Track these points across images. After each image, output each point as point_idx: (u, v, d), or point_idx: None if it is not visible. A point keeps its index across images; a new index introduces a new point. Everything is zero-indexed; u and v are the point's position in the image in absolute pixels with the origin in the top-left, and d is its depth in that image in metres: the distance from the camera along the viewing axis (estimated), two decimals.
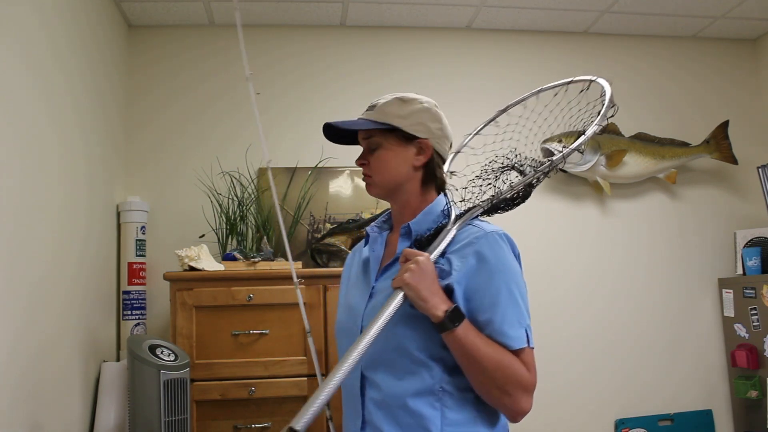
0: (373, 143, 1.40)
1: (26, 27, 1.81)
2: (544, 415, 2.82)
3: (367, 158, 1.41)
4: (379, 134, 1.40)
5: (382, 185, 1.40)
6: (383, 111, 1.41)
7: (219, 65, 2.89)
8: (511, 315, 1.26)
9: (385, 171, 1.39)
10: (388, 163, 1.39)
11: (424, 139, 1.40)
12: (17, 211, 1.71)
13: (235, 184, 2.74)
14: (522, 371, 1.22)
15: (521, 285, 1.32)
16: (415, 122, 1.40)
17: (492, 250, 1.29)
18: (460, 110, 3.00)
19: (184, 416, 1.98)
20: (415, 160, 1.40)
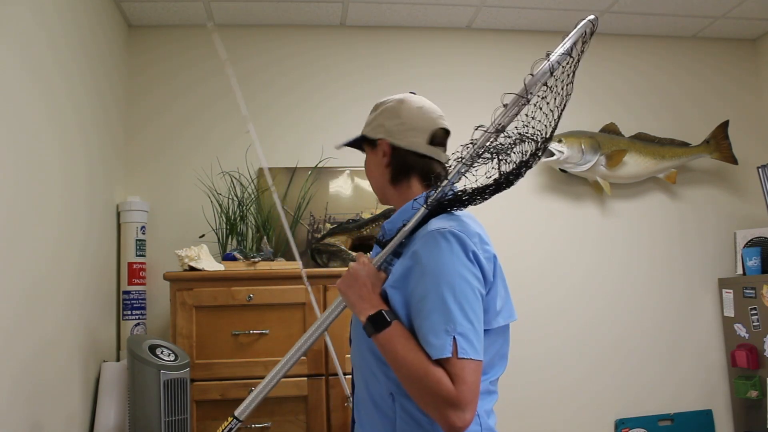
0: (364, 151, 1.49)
1: (26, 27, 1.81)
2: (545, 415, 2.83)
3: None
4: (363, 143, 1.48)
5: (374, 189, 1.47)
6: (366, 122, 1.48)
7: (219, 65, 2.87)
8: (436, 321, 1.13)
9: (369, 176, 1.47)
10: (370, 171, 1.46)
11: (380, 139, 1.41)
12: (17, 211, 1.71)
13: (235, 184, 2.74)
14: (443, 384, 1.09)
15: (459, 287, 1.15)
16: (374, 126, 1.43)
17: (427, 250, 1.18)
18: (460, 110, 3.00)
19: (184, 416, 1.98)
20: (382, 161, 1.41)
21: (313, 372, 2.25)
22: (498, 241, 3.12)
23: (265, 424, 2.21)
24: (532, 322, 2.89)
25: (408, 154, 1.39)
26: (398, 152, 1.39)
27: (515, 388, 2.68)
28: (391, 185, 1.41)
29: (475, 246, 1.23)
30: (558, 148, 2.86)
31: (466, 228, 1.25)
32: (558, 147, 2.86)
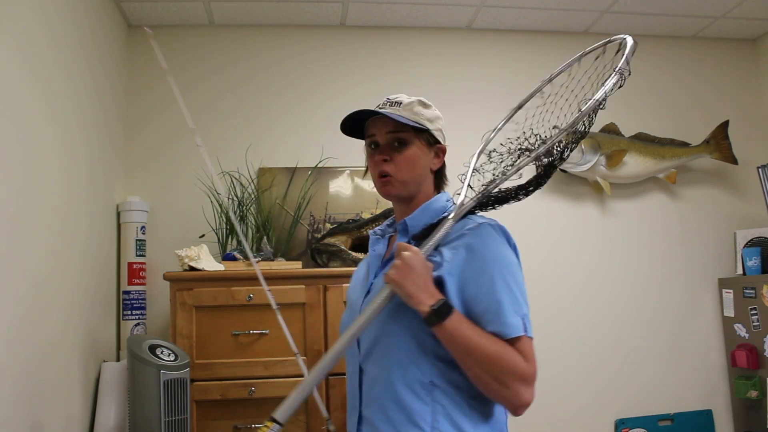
0: (403, 140, 1.36)
1: (26, 26, 1.81)
2: (545, 414, 2.83)
3: (391, 155, 1.36)
4: (410, 132, 1.37)
5: (405, 183, 1.37)
6: (413, 111, 1.39)
7: (219, 65, 2.90)
8: (506, 303, 1.23)
9: (411, 170, 1.38)
10: (417, 163, 1.38)
11: (442, 144, 1.44)
12: (17, 211, 1.71)
13: (235, 184, 2.74)
14: (518, 361, 1.19)
15: (517, 274, 1.31)
16: (437, 127, 1.44)
17: (482, 241, 1.28)
18: (459, 110, 3.01)
19: (184, 416, 1.98)
20: (432, 164, 1.43)
21: None
22: None
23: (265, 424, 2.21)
24: (532, 322, 2.88)
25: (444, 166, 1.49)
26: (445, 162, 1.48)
27: None
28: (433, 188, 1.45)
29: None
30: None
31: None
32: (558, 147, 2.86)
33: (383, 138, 1.37)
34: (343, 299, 2.26)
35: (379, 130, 1.37)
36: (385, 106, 1.39)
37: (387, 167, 1.35)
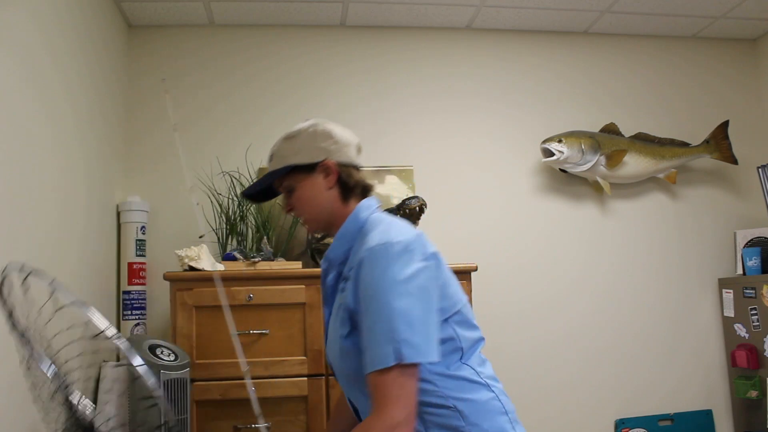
0: (287, 187, 1.46)
1: (24, 27, 1.80)
2: (544, 414, 2.83)
3: (290, 203, 1.47)
4: (287, 178, 1.45)
5: (315, 220, 1.46)
6: (279, 156, 1.47)
7: (219, 65, 2.90)
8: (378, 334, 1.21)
9: (309, 207, 1.45)
10: (307, 199, 1.44)
11: (322, 161, 1.44)
12: (17, 211, 1.71)
13: (235, 184, 2.74)
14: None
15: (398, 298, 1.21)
16: (308, 151, 1.45)
17: (365, 273, 1.26)
18: (459, 110, 3.01)
19: (184, 416, 1.98)
20: (326, 183, 1.44)
21: (313, 372, 2.25)
22: (498, 241, 3.13)
23: (266, 424, 2.21)
24: (533, 322, 2.89)
25: (350, 168, 1.47)
26: (344, 168, 1.45)
27: (515, 388, 2.68)
28: (343, 204, 1.44)
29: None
30: (558, 148, 2.86)
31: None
32: (558, 147, 2.86)
33: (281, 189, 1.49)
34: None
35: (277, 187, 1.51)
36: (268, 162, 1.51)
37: (295, 214, 1.47)
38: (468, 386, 1.34)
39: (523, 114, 3.04)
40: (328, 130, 1.49)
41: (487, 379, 1.38)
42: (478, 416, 1.33)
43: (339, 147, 1.47)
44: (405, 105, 2.97)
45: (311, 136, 1.47)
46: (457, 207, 2.91)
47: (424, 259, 1.29)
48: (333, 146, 1.47)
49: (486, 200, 2.94)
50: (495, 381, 1.40)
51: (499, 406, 1.36)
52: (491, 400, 1.36)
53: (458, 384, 1.33)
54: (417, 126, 2.96)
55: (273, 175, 1.46)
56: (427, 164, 2.93)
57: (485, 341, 1.44)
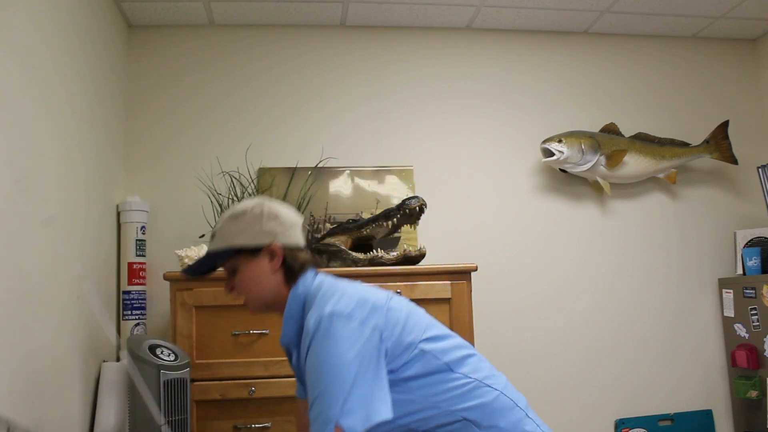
0: (229, 268, 1.45)
1: (24, 27, 1.80)
2: (544, 414, 2.82)
3: (232, 283, 1.46)
4: (230, 259, 1.44)
5: (256, 302, 1.45)
6: (222, 236, 1.45)
7: (219, 65, 2.90)
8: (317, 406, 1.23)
9: (251, 289, 1.44)
10: (251, 281, 1.43)
11: (268, 244, 1.43)
12: (17, 211, 1.71)
13: (235, 184, 2.74)
14: None
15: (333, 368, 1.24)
16: (254, 233, 1.43)
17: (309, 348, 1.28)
18: (459, 110, 3.01)
19: (184, 416, 1.98)
20: (271, 266, 1.43)
21: None
22: (498, 241, 3.13)
23: (265, 424, 2.21)
24: (533, 322, 2.89)
25: (297, 250, 1.47)
26: (289, 251, 1.45)
27: None
28: (287, 286, 1.44)
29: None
30: (558, 148, 2.86)
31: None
32: (558, 147, 2.86)
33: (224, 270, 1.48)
34: None
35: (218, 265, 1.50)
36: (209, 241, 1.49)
37: (236, 294, 1.46)
38: (469, 394, 1.35)
39: (523, 114, 3.04)
40: (275, 212, 1.47)
41: (484, 380, 1.39)
42: (491, 418, 1.35)
43: (285, 229, 1.46)
44: (405, 105, 2.97)
45: (257, 218, 1.45)
46: (457, 207, 2.91)
47: (362, 322, 1.29)
48: (279, 228, 1.45)
49: (486, 200, 2.94)
50: (495, 378, 1.41)
51: (507, 401, 1.38)
52: (498, 398, 1.37)
53: (459, 395, 1.35)
54: (417, 126, 2.96)
55: (215, 257, 1.45)
56: (427, 164, 2.92)
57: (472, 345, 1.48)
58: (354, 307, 1.32)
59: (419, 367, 1.34)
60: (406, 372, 1.33)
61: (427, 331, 1.39)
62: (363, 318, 1.31)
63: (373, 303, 1.36)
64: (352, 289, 1.38)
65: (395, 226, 2.39)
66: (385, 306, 1.37)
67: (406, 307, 1.42)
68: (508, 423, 1.36)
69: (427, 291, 2.29)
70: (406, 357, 1.33)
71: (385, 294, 1.43)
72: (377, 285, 2.25)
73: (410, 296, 2.27)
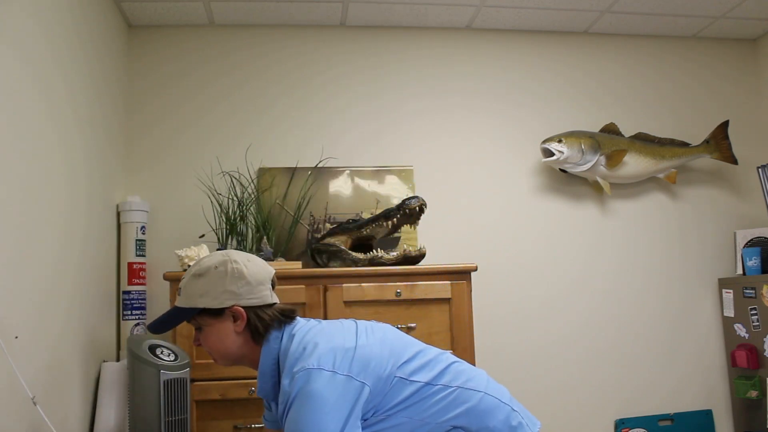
0: (195, 324, 1.45)
1: (24, 27, 1.80)
2: (544, 414, 2.82)
3: (198, 339, 1.46)
4: (196, 317, 1.43)
5: (223, 358, 1.45)
6: (186, 293, 1.43)
7: (219, 65, 2.90)
8: None
9: (216, 347, 1.43)
10: (215, 340, 1.42)
11: (231, 307, 1.41)
12: (17, 211, 1.71)
13: (235, 184, 2.74)
14: None
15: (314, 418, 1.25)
16: (217, 294, 1.40)
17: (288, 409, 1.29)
18: (459, 110, 3.01)
19: (184, 416, 1.98)
20: (235, 328, 1.41)
21: None
22: (498, 241, 3.13)
23: None
24: (533, 322, 2.89)
25: (262, 309, 1.43)
26: (253, 312, 1.42)
27: (515, 388, 2.68)
28: (254, 344, 1.43)
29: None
30: (558, 148, 2.86)
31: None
32: (558, 147, 2.86)
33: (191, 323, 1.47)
34: (342, 299, 2.27)
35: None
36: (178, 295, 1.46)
37: (204, 347, 1.45)
38: (453, 403, 1.36)
39: (523, 114, 3.04)
40: (239, 271, 1.42)
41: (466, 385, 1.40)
42: (479, 420, 1.36)
43: (250, 289, 1.42)
44: (405, 105, 2.97)
45: (220, 278, 1.41)
46: (457, 207, 2.91)
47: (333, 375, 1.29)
48: (243, 288, 1.42)
49: (486, 200, 2.94)
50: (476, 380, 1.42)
51: (491, 400, 1.39)
52: (483, 399, 1.39)
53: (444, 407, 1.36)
54: (417, 126, 2.96)
55: (179, 314, 1.44)
56: (427, 164, 2.93)
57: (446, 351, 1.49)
58: (327, 355, 1.31)
59: (400, 394, 1.35)
60: (389, 403, 1.33)
61: (400, 356, 1.39)
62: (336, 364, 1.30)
63: (343, 348, 1.34)
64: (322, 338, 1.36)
65: (395, 226, 2.39)
66: (354, 346, 1.35)
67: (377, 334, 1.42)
68: (498, 421, 1.37)
69: (427, 291, 2.29)
70: (386, 389, 1.33)
71: (354, 329, 1.41)
72: (377, 285, 2.27)
73: (410, 296, 2.27)
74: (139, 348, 1.99)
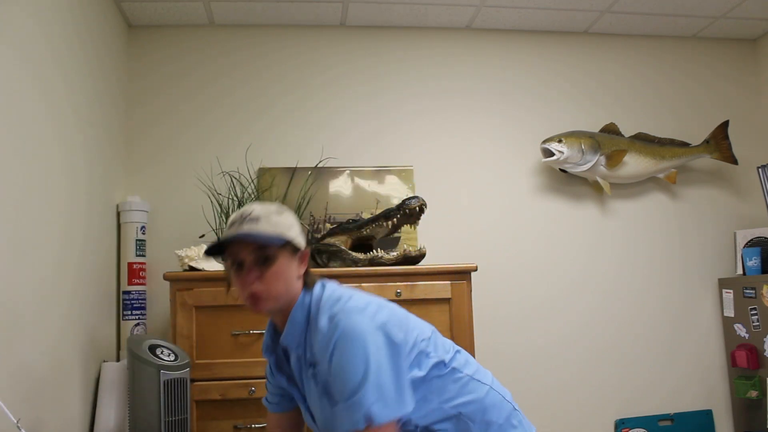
0: (268, 256, 1.36)
1: (24, 27, 1.81)
2: (544, 414, 2.83)
3: (260, 272, 1.36)
4: (274, 247, 1.36)
5: (277, 298, 1.37)
6: (272, 222, 1.37)
7: (219, 65, 2.90)
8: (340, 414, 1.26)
9: (281, 284, 1.37)
10: (285, 276, 1.37)
11: (305, 249, 1.42)
12: (17, 211, 1.71)
13: (235, 184, 2.74)
14: None
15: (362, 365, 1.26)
16: (296, 234, 1.41)
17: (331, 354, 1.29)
18: (459, 110, 3.01)
19: (184, 416, 1.98)
20: (298, 271, 1.41)
21: None
22: (498, 241, 3.13)
23: (265, 424, 2.21)
24: (533, 322, 2.89)
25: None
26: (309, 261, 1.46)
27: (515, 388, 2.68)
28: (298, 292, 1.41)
29: None
30: (558, 148, 2.86)
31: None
32: (558, 147, 2.86)
33: (249, 257, 1.36)
34: None
35: (243, 249, 1.36)
36: (243, 223, 1.36)
37: (258, 287, 1.35)
38: (463, 389, 1.38)
39: (523, 114, 3.04)
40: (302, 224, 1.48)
41: (475, 375, 1.44)
42: (483, 413, 1.39)
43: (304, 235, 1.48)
44: (405, 105, 2.97)
45: (296, 222, 1.43)
46: (457, 207, 2.91)
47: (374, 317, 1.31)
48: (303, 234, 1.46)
49: (486, 200, 2.94)
50: (483, 374, 1.46)
51: (496, 396, 1.44)
52: (489, 393, 1.43)
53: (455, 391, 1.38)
54: (417, 126, 2.96)
55: (267, 239, 1.34)
56: (427, 164, 2.93)
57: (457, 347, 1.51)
58: (366, 305, 1.35)
59: (420, 366, 1.37)
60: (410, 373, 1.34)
61: (422, 332, 1.43)
62: (374, 313, 1.33)
63: (378, 302, 1.39)
64: (356, 292, 1.40)
65: (395, 226, 2.39)
66: (388, 305, 1.40)
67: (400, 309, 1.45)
68: (500, 417, 1.41)
69: (427, 291, 2.29)
70: (409, 359, 1.35)
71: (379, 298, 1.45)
72: (377, 285, 2.27)
73: (410, 296, 2.27)
74: (139, 348, 1.99)
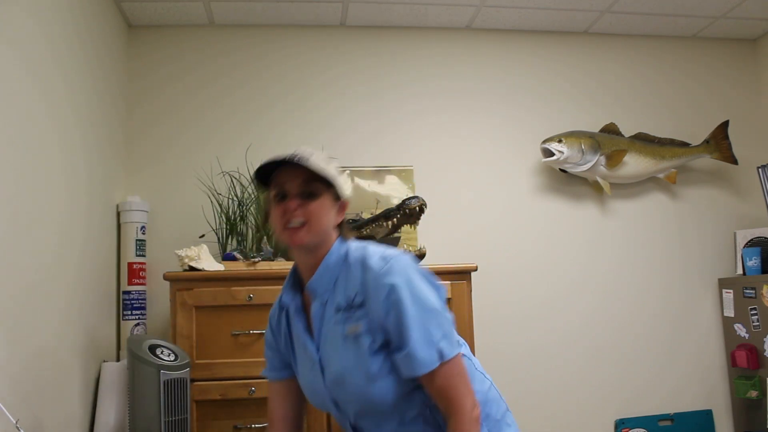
0: (314, 192, 1.37)
1: (24, 27, 1.81)
2: (544, 414, 2.83)
3: (303, 204, 1.36)
4: (320, 184, 1.37)
5: (317, 233, 1.37)
6: (321, 164, 1.37)
7: (219, 65, 2.90)
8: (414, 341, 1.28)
9: (322, 221, 1.37)
10: (326, 214, 1.38)
11: (345, 200, 1.44)
12: (18, 211, 1.71)
13: (235, 184, 2.74)
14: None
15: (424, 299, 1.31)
16: (341, 183, 1.43)
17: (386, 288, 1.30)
18: (460, 110, 3.01)
19: (184, 416, 1.98)
20: (336, 218, 1.43)
21: None
22: (498, 240, 3.13)
23: (265, 424, 2.21)
24: (533, 322, 2.89)
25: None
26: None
27: (515, 388, 2.68)
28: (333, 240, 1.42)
29: None
30: (558, 148, 2.86)
31: None
32: (558, 147, 2.86)
33: (295, 188, 1.36)
34: None
35: (290, 180, 1.36)
36: (294, 156, 1.36)
37: (301, 213, 1.35)
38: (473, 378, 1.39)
39: (523, 114, 3.04)
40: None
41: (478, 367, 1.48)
42: (485, 406, 1.41)
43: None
44: (405, 105, 2.97)
45: (342, 174, 1.45)
46: (457, 207, 2.91)
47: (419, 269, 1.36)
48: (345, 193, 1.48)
49: (486, 200, 2.94)
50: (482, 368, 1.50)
51: (496, 393, 1.46)
52: (490, 388, 1.45)
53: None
54: (417, 126, 2.96)
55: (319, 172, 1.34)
56: (427, 164, 2.92)
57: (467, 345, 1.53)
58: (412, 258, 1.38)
59: None
60: None
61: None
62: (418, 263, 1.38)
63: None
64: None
65: (395, 226, 2.39)
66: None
67: None
68: (498, 413, 1.43)
69: None
70: None
71: None
72: None
73: None
74: (139, 348, 1.99)
